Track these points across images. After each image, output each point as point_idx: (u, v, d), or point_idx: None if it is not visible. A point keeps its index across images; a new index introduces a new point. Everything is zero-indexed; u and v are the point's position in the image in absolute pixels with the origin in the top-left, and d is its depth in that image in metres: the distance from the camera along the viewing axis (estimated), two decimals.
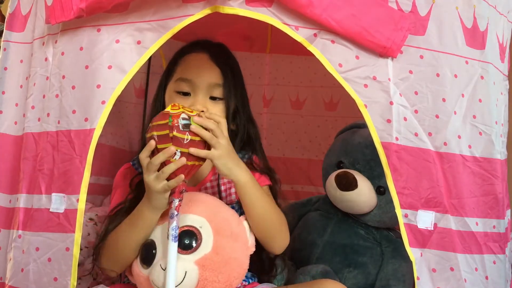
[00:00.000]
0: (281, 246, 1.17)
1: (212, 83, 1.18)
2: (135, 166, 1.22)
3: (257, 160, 1.24)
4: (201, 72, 1.18)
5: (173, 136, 0.99)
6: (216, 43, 1.27)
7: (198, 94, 1.17)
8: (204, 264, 1.02)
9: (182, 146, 0.99)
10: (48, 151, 1.06)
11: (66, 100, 1.05)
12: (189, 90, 1.18)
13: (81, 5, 1.01)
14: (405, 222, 1.01)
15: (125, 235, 1.08)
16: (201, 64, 1.19)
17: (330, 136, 1.61)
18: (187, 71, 1.19)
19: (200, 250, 1.03)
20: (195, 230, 1.04)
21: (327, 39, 1.01)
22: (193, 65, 1.20)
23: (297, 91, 1.94)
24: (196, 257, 1.02)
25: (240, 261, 1.08)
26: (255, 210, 1.10)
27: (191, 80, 1.17)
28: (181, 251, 1.01)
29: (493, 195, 1.09)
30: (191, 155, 1.00)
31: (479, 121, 1.09)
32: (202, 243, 1.03)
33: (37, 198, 1.07)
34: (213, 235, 1.04)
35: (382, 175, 1.03)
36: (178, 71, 1.21)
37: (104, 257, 1.11)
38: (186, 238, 1.03)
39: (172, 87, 1.20)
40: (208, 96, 1.18)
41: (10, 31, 1.20)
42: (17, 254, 1.09)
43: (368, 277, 1.36)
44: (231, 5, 0.99)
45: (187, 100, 1.17)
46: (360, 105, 1.01)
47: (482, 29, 1.10)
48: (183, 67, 1.21)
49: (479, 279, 1.05)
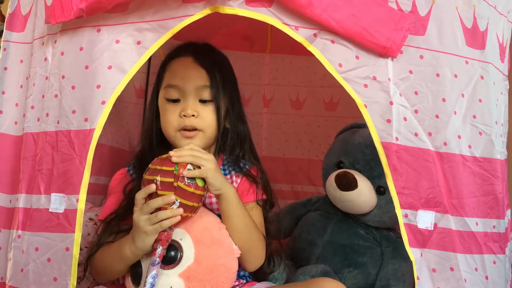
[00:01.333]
0: (255, 264, 1.17)
1: (199, 85, 1.18)
2: (129, 172, 1.22)
3: (254, 172, 1.24)
4: (187, 76, 1.18)
5: (177, 186, 1.01)
6: (201, 44, 1.27)
7: (187, 99, 1.17)
8: (188, 276, 1.02)
9: (183, 197, 1.01)
10: (47, 151, 1.06)
11: (66, 100, 1.05)
12: (179, 96, 1.18)
13: (81, 5, 1.01)
14: (405, 222, 1.01)
15: (108, 262, 1.09)
16: (187, 68, 1.20)
17: (330, 136, 1.62)
18: (174, 78, 1.20)
19: (183, 263, 1.03)
20: (175, 244, 1.04)
21: (327, 39, 1.01)
22: (179, 71, 1.20)
23: (297, 91, 1.94)
24: (180, 270, 1.02)
25: (227, 266, 1.07)
26: (236, 223, 1.10)
27: (178, 86, 1.18)
28: (164, 266, 1.02)
29: (493, 195, 1.09)
30: (188, 206, 1.02)
31: (479, 121, 1.09)
32: (184, 255, 1.03)
33: (36, 198, 1.06)
34: (194, 246, 1.05)
35: (382, 175, 1.03)
36: (166, 77, 1.21)
37: (93, 270, 1.14)
38: (168, 252, 1.02)
39: (162, 94, 1.21)
40: (198, 99, 1.18)
41: (10, 31, 1.20)
42: (16, 254, 1.08)
43: (368, 277, 1.36)
44: (231, 5, 0.99)
45: (177, 107, 1.17)
46: (360, 105, 1.01)
47: (482, 29, 1.10)
48: (169, 73, 1.21)
49: (479, 279, 1.05)
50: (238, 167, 1.22)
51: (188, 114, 1.16)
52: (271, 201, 1.24)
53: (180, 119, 1.17)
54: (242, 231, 1.11)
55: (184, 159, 1.04)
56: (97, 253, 1.12)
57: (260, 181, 1.23)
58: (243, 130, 1.25)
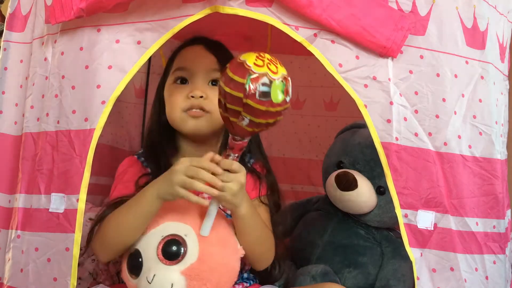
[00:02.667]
0: (265, 263, 1.16)
1: (209, 68, 1.17)
2: (140, 159, 1.20)
3: (259, 168, 1.22)
4: (198, 59, 1.17)
5: (245, 103, 0.90)
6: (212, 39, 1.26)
7: (196, 80, 1.16)
8: (190, 274, 0.99)
9: (254, 115, 0.91)
10: (47, 151, 1.06)
11: (66, 100, 1.05)
12: (187, 76, 1.17)
13: (81, 5, 1.01)
14: (405, 222, 1.01)
15: (121, 217, 1.05)
16: (197, 54, 1.19)
17: (330, 136, 1.61)
18: (183, 61, 1.19)
19: (186, 260, 1.00)
20: (179, 239, 1.01)
21: (327, 39, 1.01)
22: (189, 55, 1.19)
23: (297, 91, 1.93)
24: (182, 267, 1.00)
25: (230, 266, 1.05)
26: (248, 238, 1.08)
27: (187, 67, 1.17)
28: (166, 262, 0.99)
29: (493, 195, 1.09)
30: (261, 124, 0.92)
31: (479, 121, 1.09)
32: (187, 252, 1.00)
33: (36, 198, 1.06)
34: (199, 243, 1.01)
35: (382, 175, 1.03)
36: (175, 63, 1.20)
37: (97, 238, 1.08)
38: (171, 247, 1.00)
39: (170, 80, 1.19)
40: (207, 81, 1.17)
41: (10, 31, 1.20)
42: (16, 254, 1.08)
43: (368, 277, 1.36)
44: (231, 5, 0.99)
45: (185, 88, 1.16)
46: (360, 105, 1.01)
47: (482, 29, 1.10)
48: (179, 59, 1.21)
49: (479, 279, 1.05)
50: (243, 162, 1.21)
51: (196, 95, 1.13)
52: (278, 202, 1.21)
53: (187, 100, 1.14)
54: (254, 243, 1.09)
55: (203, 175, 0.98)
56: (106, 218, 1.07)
57: (264, 177, 1.20)
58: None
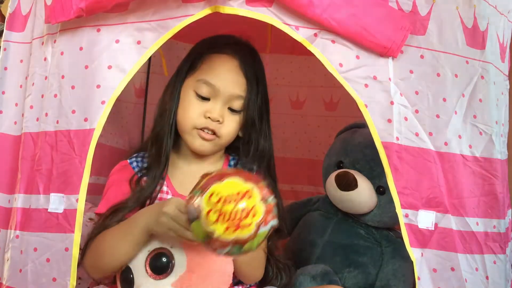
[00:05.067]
0: (251, 282, 1.16)
1: (235, 94, 1.14)
2: (132, 165, 1.19)
3: None
4: (228, 81, 1.14)
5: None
6: (247, 45, 1.22)
7: (217, 102, 1.13)
8: (182, 285, 0.99)
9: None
10: (46, 151, 1.06)
11: (65, 100, 1.05)
12: (210, 96, 1.14)
13: (81, 4, 1.01)
14: (405, 222, 1.01)
15: (113, 242, 1.05)
16: (229, 72, 1.15)
17: (330, 136, 1.61)
18: (213, 76, 1.14)
19: (175, 271, 0.99)
20: (166, 251, 1.00)
21: (328, 39, 1.01)
22: (220, 71, 1.15)
23: (297, 91, 1.94)
24: (173, 279, 0.99)
25: (222, 270, 1.04)
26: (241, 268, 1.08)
27: (214, 86, 1.13)
28: (156, 276, 0.99)
29: (493, 195, 1.09)
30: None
31: (480, 121, 1.09)
32: (175, 264, 0.99)
33: (35, 198, 1.06)
34: (185, 253, 1.00)
35: (382, 175, 1.03)
36: (203, 70, 1.15)
37: (88, 257, 1.08)
38: (158, 261, 0.99)
39: (192, 85, 1.15)
40: (227, 106, 1.15)
41: (10, 31, 1.20)
42: (15, 255, 1.08)
43: (368, 277, 1.36)
44: (231, 5, 0.99)
45: (204, 105, 1.13)
46: (361, 105, 1.01)
47: (482, 29, 1.10)
48: (208, 68, 1.15)
49: (480, 279, 1.05)
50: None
51: (214, 118, 1.12)
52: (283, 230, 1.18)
53: (203, 119, 1.13)
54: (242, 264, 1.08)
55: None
56: (100, 235, 1.07)
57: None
58: (265, 146, 1.20)
